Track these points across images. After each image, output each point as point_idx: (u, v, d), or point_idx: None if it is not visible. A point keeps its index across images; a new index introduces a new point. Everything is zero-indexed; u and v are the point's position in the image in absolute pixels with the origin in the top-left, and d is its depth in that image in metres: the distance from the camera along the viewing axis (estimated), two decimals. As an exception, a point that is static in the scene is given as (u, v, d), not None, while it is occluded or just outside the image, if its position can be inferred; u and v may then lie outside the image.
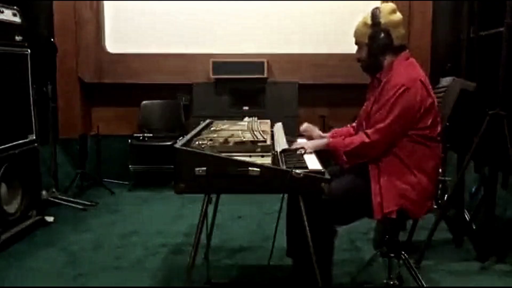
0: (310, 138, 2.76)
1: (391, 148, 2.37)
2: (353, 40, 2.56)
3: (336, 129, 2.84)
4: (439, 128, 2.43)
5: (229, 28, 5.36)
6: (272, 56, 5.35)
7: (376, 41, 2.42)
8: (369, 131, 2.36)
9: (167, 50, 5.38)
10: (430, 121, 2.37)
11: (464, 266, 3.15)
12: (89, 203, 4.53)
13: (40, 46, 4.39)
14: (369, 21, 2.44)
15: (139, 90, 5.46)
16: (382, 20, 2.40)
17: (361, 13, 2.52)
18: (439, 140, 2.45)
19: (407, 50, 2.49)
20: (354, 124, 2.79)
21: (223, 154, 2.16)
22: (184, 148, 2.16)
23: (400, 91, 2.31)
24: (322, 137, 2.72)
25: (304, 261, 2.30)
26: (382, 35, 2.40)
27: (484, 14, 3.88)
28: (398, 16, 2.44)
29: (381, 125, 2.33)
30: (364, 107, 2.61)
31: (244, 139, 2.39)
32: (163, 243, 3.59)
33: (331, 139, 2.55)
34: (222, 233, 3.75)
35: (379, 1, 5.37)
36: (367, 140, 2.35)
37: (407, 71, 2.39)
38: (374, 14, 2.42)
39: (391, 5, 2.45)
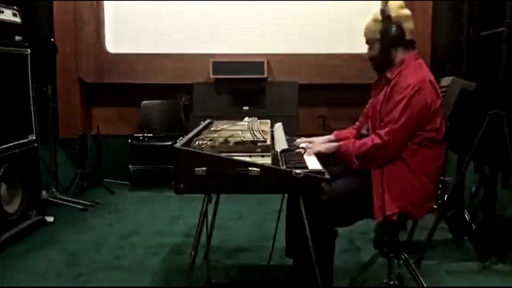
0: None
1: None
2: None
3: (337, 131, 2.83)
4: (444, 130, 2.42)
5: (229, 28, 5.35)
6: (272, 56, 5.35)
7: (389, 34, 2.41)
8: (381, 132, 2.34)
9: (167, 50, 5.38)
10: (439, 122, 2.37)
11: (464, 266, 3.15)
12: (89, 203, 4.53)
13: (40, 46, 4.39)
14: (379, 17, 2.44)
15: (139, 90, 5.46)
16: (393, 14, 2.41)
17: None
18: (444, 142, 2.45)
19: (416, 51, 2.49)
20: (356, 125, 2.79)
21: (223, 154, 2.15)
22: (184, 148, 2.16)
23: (412, 92, 2.30)
24: (330, 141, 2.71)
25: (304, 262, 2.30)
26: (394, 28, 2.40)
27: (484, 14, 3.88)
28: (407, 11, 2.45)
29: (394, 126, 2.31)
30: (369, 105, 2.60)
31: (244, 139, 2.39)
32: (163, 243, 3.59)
33: (341, 143, 2.53)
34: (222, 233, 3.75)
35: (379, 1, 5.38)
36: (379, 141, 2.33)
37: (417, 72, 2.38)
38: (384, 10, 2.43)
39: (399, 2, 2.46)
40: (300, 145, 2.58)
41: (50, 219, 3.98)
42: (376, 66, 2.52)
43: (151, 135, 5.23)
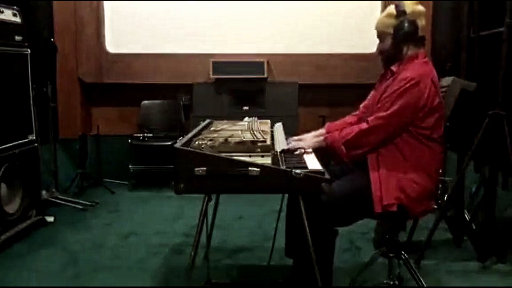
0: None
1: (393, 141, 2.36)
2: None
3: (330, 123, 2.81)
4: (442, 130, 2.42)
5: (229, 28, 5.36)
6: (272, 56, 5.35)
7: (402, 30, 2.40)
8: (369, 118, 2.36)
9: (167, 50, 5.38)
10: (433, 121, 2.36)
11: (464, 266, 3.16)
12: (89, 203, 4.53)
13: (40, 46, 4.39)
14: (393, 12, 2.43)
15: (139, 90, 5.46)
16: (408, 10, 2.41)
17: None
18: (441, 142, 2.45)
19: (425, 49, 2.50)
20: (353, 115, 2.78)
21: (223, 154, 2.15)
22: (184, 148, 2.16)
23: (408, 84, 2.31)
24: (316, 136, 2.68)
25: (304, 261, 2.30)
26: (408, 24, 2.40)
27: (484, 14, 3.88)
28: (421, 7, 2.47)
29: (383, 113, 2.33)
30: (370, 96, 2.63)
31: (244, 139, 2.39)
32: (163, 243, 3.59)
33: (327, 135, 2.53)
34: (222, 233, 3.76)
35: (379, 2, 5.39)
36: (365, 126, 2.35)
37: (420, 67, 2.39)
38: (399, 5, 2.43)
39: None
40: (289, 144, 2.53)
41: (50, 219, 3.99)
42: (386, 60, 2.52)
43: (151, 135, 5.23)
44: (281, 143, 2.49)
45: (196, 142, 2.31)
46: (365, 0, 5.10)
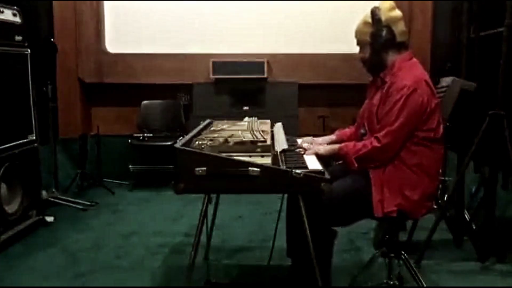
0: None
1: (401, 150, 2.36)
2: (354, 40, 2.55)
3: (339, 131, 2.83)
4: (441, 130, 2.43)
5: (229, 28, 5.36)
6: (272, 56, 5.35)
7: (379, 38, 2.41)
8: (379, 135, 2.34)
9: (167, 50, 5.39)
10: (435, 122, 2.37)
11: (464, 266, 3.15)
12: (89, 203, 4.53)
13: (40, 46, 4.39)
14: (369, 20, 2.44)
15: (139, 90, 5.46)
16: (383, 17, 2.41)
17: (361, 13, 2.52)
18: (442, 141, 2.45)
19: (410, 50, 2.49)
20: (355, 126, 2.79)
21: (223, 154, 2.16)
22: (184, 148, 2.16)
23: (408, 92, 2.30)
24: (330, 143, 2.72)
25: (303, 261, 2.30)
26: (384, 31, 2.40)
27: (484, 14, 3.88)
28: (398, 12, 2.45)
29: (391, 128, 2.32)
30: (365, 105, 2.61)
31: (244, 139, 2.39)
32: (163, 243, 3.59)
33: (342, 145, 2.53)
34: (222, 233, 3.75)
35: (379, 0, 5.38)
36: (378, 144, 2.33)
37: (411, 72, 2.39)
38: (374, 12, 2.43)
39: (389, 3, 2.46)
40: (303, 145, 2.58)
41: (50, 219, 3.98)
42: (369, 68, 2.54)
43: (151, 135, 5.23)
44: (281, 143, 2.49)
45: (196, 142, 2.31)
46: (366, 0, 5.10)
